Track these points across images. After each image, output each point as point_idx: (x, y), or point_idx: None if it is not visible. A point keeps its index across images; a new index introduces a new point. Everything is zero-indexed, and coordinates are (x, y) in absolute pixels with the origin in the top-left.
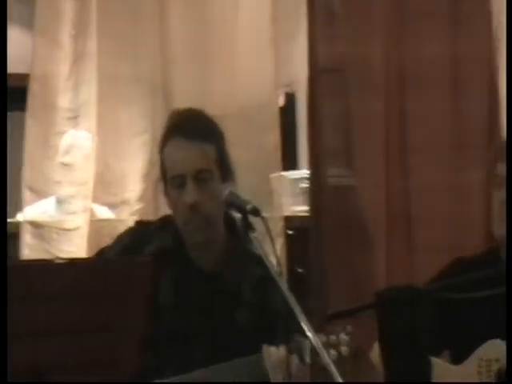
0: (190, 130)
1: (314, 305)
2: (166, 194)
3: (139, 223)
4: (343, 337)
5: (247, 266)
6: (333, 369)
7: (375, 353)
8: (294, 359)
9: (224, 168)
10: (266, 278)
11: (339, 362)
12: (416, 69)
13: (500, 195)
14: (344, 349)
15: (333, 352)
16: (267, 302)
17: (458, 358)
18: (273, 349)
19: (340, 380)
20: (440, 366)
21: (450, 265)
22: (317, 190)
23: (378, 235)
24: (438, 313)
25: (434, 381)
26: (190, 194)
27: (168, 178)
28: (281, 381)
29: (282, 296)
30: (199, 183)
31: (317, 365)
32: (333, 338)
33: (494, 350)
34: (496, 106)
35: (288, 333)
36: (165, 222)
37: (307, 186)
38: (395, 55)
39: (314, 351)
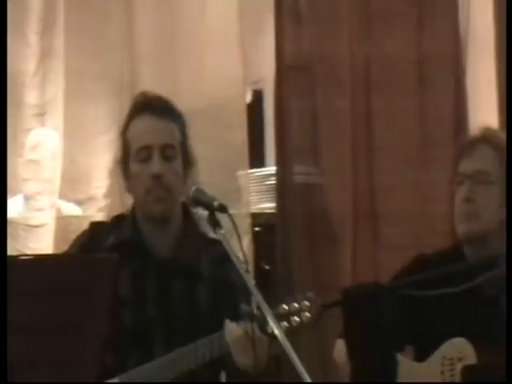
0: (157, 108)
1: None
2: (126, 172)
3: (94, 224)
4: (304, 303)
5: (202, 247)
6: (285, 342)
7: (338, 351)
8: (255, 331)
9: (186, 152)
10: (221, 255)
11: (301, 327)
12: (382, 68)
13: (461, 193)
14: (305, 314)
15: (295, 318)
16: (225, 277)
17: (421, 355)
18: (233, 324)
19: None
20: (404, 363)
21: (412, 262)
22: (283, 188)
23: (345, 233)
24: (403, 310)
25: (398, 378)
26: (156, 165)
27: (132, 153)
28: (242, 353)
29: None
30: (165, 158)
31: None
32: (295, 305)
33: (458, 349)
34: (463, 105)
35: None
36: (119, 219)
37: (274, 183)
38: (362, 54)
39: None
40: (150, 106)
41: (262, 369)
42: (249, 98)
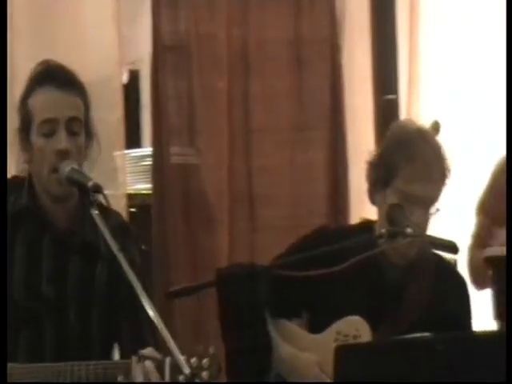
0: (61, 79)
1: (156, 282)
2: (25, 143)
3: None
4: (205, 361)
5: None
6: None
7: None
8: (153, 372)
9: (88, 126)
10: (120, 227)
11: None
12: (260, 49)
13: (408, 213)
14: (204, 374)
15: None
16: (125, 253)
17: (316, 328)
18: (140, 364)
19: None
20: (297, 332)
21: (314, 233)
22: (160, 168)
23: (221, 213)
24: (281, 288)
25: (286, 345)
26: (63, 141)
27: (36, 124)
28: None
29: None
30: (70, 133)
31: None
32: (195, 361)
33: (353, 327)
34: (339, 88)
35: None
36: (16, 181)
37: (150, 164)
38: (239, 35)
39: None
40: (54, 77)
41: None
42: (125, 77)
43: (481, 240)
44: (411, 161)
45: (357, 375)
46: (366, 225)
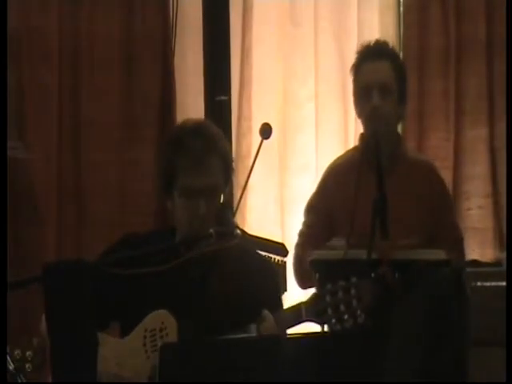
0: None
1: None
2: None
3: None
4: (29, 353)
5: None
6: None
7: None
8: None
9: None
10: None
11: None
12: (90, 45)
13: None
14: (27, 365)
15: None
16: None
17: (126, 331)
18: None
19: None
20: (107, 340)
21: (121, 239)
22: None
23: (49, 208)
24: (107, 287)
25: (101, 355)
26: None
27: None
28: None
29: None
30: None
31: None
32: (18, 352)
33: (158, 320)
34: (170, 87)
35: None
36: None
37: None
38: (70, 30)
39: None
40: None
41: None
42: None
43: (309, 240)
44: (184, 156)
45: (181, 374)
46: (170, 229)
